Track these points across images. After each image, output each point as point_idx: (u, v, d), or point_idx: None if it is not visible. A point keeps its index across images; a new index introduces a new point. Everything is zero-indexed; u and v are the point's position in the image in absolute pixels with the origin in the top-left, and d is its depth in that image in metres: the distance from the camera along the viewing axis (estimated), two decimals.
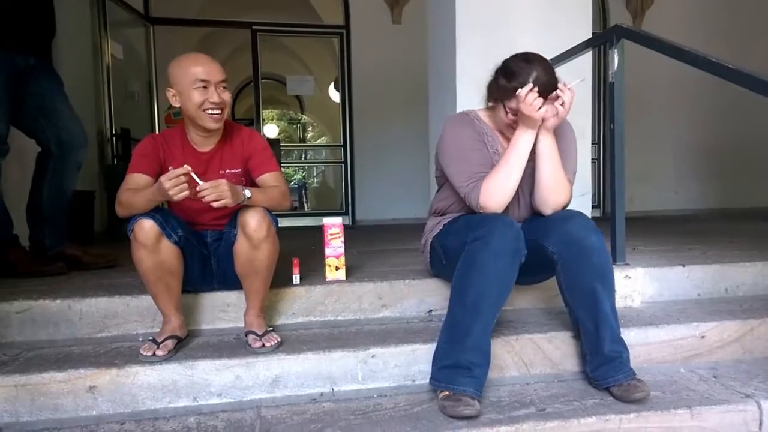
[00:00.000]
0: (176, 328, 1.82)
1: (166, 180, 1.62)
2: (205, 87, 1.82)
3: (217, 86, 1.84)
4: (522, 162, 1.83)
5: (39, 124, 2.54)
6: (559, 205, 1.87)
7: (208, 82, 1.82)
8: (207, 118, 1.84)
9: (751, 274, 2.41)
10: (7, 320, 1.90)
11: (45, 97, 2.54)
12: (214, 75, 1.83)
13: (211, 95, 1.82)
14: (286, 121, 14.55)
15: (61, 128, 2.56)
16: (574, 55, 2.66)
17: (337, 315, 2.11)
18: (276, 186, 1.91)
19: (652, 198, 6.24)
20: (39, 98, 2.53)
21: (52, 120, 2.54)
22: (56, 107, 2.57)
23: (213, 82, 1.83)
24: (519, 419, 1.54)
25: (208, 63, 1.85)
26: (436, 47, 3.53)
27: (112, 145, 4.82)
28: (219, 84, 1.85)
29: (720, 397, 1.68)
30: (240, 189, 1.74)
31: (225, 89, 1.87)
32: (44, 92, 2.54)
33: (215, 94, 1.83)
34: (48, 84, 2.57)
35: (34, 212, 2.60)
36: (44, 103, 2.54)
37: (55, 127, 2.55)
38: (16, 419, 1.58)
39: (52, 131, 2.55)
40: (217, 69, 1.85)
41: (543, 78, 1.76)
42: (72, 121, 2.62)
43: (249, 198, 1.75)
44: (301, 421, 1.57)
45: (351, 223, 6.00)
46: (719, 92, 5.78)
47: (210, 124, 1.85)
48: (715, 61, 1.82)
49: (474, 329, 1.62)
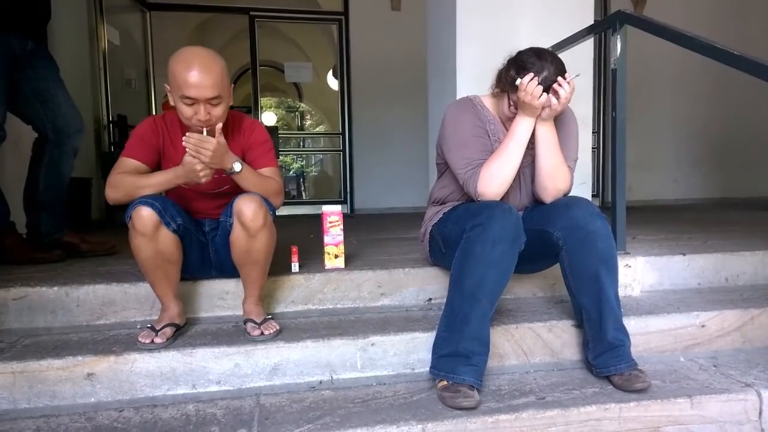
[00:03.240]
0: (175, 315, 1.81)
1: (194, 166, 1.65)
2: (193, 103, 1.69)
3: (206, 104, 1.70)
4: (520, 149, 1.81)
5: (35, 110, 2.51)
6: (560, 192, 1.86)
7: (196, 101, 1.69)
8: (194, 128, 1.74)
9: (752, 263, 2.41)
10: (4, 307, 1.89)
11: (41, 81, 2.51)
12: (202, 93, 1.67)
13: (197, 113, 1.69)
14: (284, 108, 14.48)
15: (57, 114, 2.53)
16: (576, 41, 2.63)
17: (336, 303, 2.10)
18: (272, 178, 1.88)
19: (652, 187, 6.23)
20: (35, 82, 2.49)
21: (48, 105, 2.51)
22: (52, 92, 2.53)
23: (201, 100, 1.68)
24: (518, 408, 1.54)
25: (198, 78, 1.66)
26: (435, 34, 3.49)
27: (109, 132, 4.78)
28: (209, 101, 1.70)
29: (720, 387, 1.68)
30: (231, 158, 1.71)
31: (218, 104, 1.72)
32: (40, 77, 2.51)
33: (202, 112, 1.69)
34: (44, 69, 2.54)
35: (30, 199, 2.57)
36: (40, 87, 2.50)
37: (51, 112, 2.52)
38: (14, 406, 1.58)
39: (49, 116, 2.51)
40: (208, 86, 1.67)
41: (552, 77, 1.74)
42: (68, 107, 2.58)
43: (237, 172, 1.73)
44: (300, 409, 1.56)
45: (349, 211, 5.99)
46: (720, 80, 5.78)
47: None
48: (720, 47, 1.79)
49: (472, 317, 1.62)
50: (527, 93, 1.72)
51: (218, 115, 1.73)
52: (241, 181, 1.78)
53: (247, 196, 1.75)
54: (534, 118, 1.80)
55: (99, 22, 4.66)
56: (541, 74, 1.73)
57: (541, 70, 1.74)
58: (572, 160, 1.94)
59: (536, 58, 1.77)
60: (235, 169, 1.73)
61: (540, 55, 1.77)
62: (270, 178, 1.88)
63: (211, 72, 1.68)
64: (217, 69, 1.70)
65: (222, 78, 1.72)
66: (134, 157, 1.80)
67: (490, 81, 1.92)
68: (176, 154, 1.84)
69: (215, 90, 1.69)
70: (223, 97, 1.74)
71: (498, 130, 1.93)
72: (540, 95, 1.72)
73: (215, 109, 1.72)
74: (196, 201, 1.93)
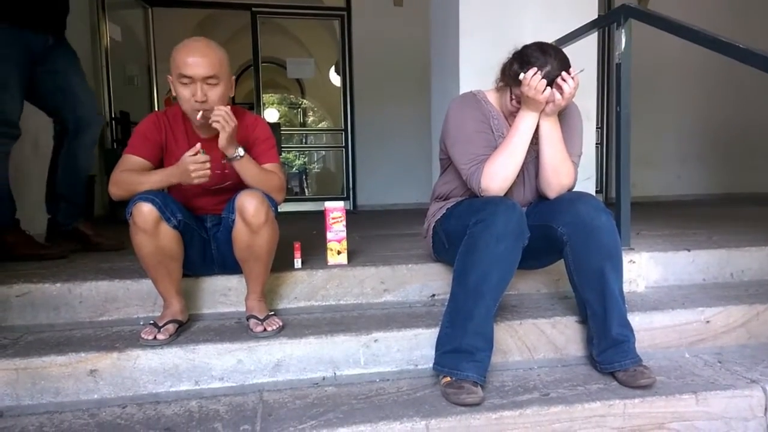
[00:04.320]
0: (177, 312, 1.81)
1: (192, 162, 1.64)
2: (190, 83, 1.71)
3: (203, 83, 1.71)
4: (524, 145, 1.80)
5: (58, 102, 2.56)
6: (564, 187, 1.85)
7: (192, 79, 1.70)
8: (194, 115, 1.76)
9: (757, 258, 2.40)
10: (7, 304, 1.89)
11: (59, 75, 2.54)
12: (198, 70, 1.69)
13: (194, 93, 1.71)
14: (286, 105, 14.45)
15: (77, 106, 2.58)
16: (580, 36, 2.61)
17: (338, 299, 2.09)
18: (275, 174, 1.88)
19: (656, 183, 6.20)
20: (54, 76, 2.53)
21: (68, 98, 2.56)
22: (72, 85, 2.58)
23: (198, 78, 1.70)
24: (522, 404, 1.54)
25: (194, 55, 1.69)
26: (438, 29, 3.48)
27: (112, 129, 4.79)
28: (205, 80, 1.71)
29: (725, 383, 1.67)
30: (236, 143, 1.74)
31: (215, 85, 1.73)
32: (59, 70, 2.54)
33: (199, 92, 1.70)
34: (64, 62, 2.57)
35: (51, 189, 2.65)
36: (60, 81, 2.54)
37: (71, 104, 2.56)
38: (17, 403, 1.58)
39: (69, 108, 2.56)
40: (204, 63, 1.69)
41: (556, 72, 1.73)
42: (88, 99, 2.65)
43: (241, 156, 1.76)
44: (303, 405, 1.56)
45: (352, 207, 5.98)
46: (724, 74, 5.74)
47: (197, 122, 1.79)
48: (726, 40, 1.78)
49: (476, 313, 1.61)
50: (531, 87, 1.71)
51: (215, 98, 1.74)
52: (243, 170, 1.78)
53: (249, 192, 1.74)
54: (538, 113, 1.79)
55: (101, 19, 4.66)
56: (544, 68, 1.72)
57: (544, 64, 1.72)
58: (576, 156, 1.92)
59: (540, 52, 1.76)
60: (239, 153, 1.75)
61: (544, 50, 1.76)
62: (272, 173, 1.87)
63: (208, 54, 1.72)
64: (214, 52, 1.74)
65: (219, 61, 1.75)
66: (137, 154, 1.81)
67: (494, 76, 1.92)
68: (178, 149, 1.84)
69: (211, 69, 1.71)
70: (221, 80, 1.75)
71: (501, 125, 1.91)
72: (543, 90, 1.71)
73: (212, 90, 1.74)
74: (198, 197, 1.93)
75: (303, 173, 12.28)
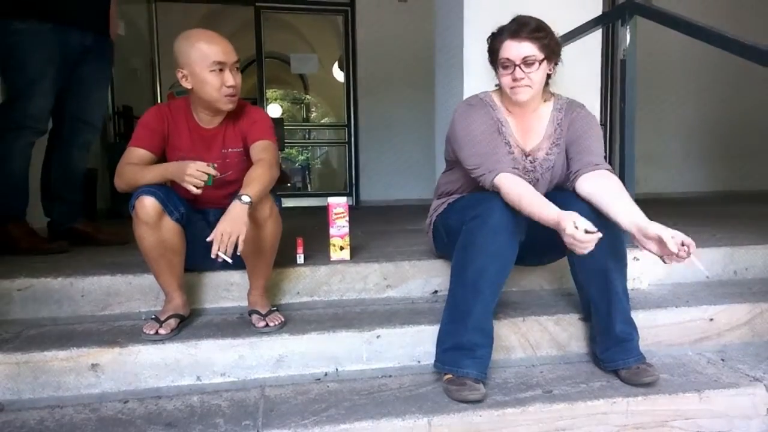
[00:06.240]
0: (179, 306, 1.81)
1: (194, 169, 1.63)
2: (221, 70, 1.75)
3: (232, 68, 1.77)
4: (536, 217, 1.61)
5: (70, 106, 2.56)
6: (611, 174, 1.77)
7: (224, 64, 1.75)
8: (225, 101, 1.79)
9: (762, 256, 2.38)
10: (9, 297, 1.89)
11: (84, 84, 2.56)
12: (230, 56, 1.76)
13: (227, 79, 1.75)
14: (289, 100, 14.43)
15: (81, 108, 2.59)
16: (585, 32, 2.59)
17: (341, 295, 2.09)
18: (262, 159, 1.78)
19: (660, 180, 6.17)
20: (79, 84, 2.55)
21: (77, 98, 2.57)
22: (90, 90, 2.60)
23: (229, 63, 1.76)
24: (525, 401, 1.53)
25: (222, 43, 1.76)
26: (442, 24, 3.45)
27: (115, 123, 4.78)
28: (233, 65, 1.78)
29: (728, 381, 1.66)
30: (239, 210, 1.60)
31: (238, 70, 1.80)
32: (85, 76, 2.56)
33: (231, 78, 1.76)
34: (96, 67, 2.60)
35: (46, 189, 2.65)
36: (83, 90, 2.57)
37: (76, 104, 2.57)
38: (18, 397, 1.58)
39: (72, 108, 2.57)
40: (231, 49, 1.77)
41: (523, 19, 1.73)
42: (98, 106, 2.67)
43: (249, 201, 1.62)
44: (305, 401, 1.56)
45: (355, 203, 5.97)
46: (729, 72, 5.70)
47: (227, 106, 1.82)
48: (732, 37, 1.76)
49: (475, 309, 1.61)
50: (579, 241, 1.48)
51: (240, 82, 1.80)
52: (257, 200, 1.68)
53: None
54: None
55: None
56: (512, 24, 1.73)
57: (511, 22, 1.73)
58: (601, 156, 1.80)
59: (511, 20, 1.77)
60: (245, 201, 1.61)
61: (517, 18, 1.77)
62: (261, 161, 1.78)
63: (227, 40, 1.79)
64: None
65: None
66: (141, 146, 1.81)
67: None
68: (180, 141, 1.85)
69: (236, 54, 1.79)
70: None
71: (509, 132, 1.86)
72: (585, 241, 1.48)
73: (238, 75, 1.79)
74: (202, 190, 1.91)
75: (306, 169, 12.27)
